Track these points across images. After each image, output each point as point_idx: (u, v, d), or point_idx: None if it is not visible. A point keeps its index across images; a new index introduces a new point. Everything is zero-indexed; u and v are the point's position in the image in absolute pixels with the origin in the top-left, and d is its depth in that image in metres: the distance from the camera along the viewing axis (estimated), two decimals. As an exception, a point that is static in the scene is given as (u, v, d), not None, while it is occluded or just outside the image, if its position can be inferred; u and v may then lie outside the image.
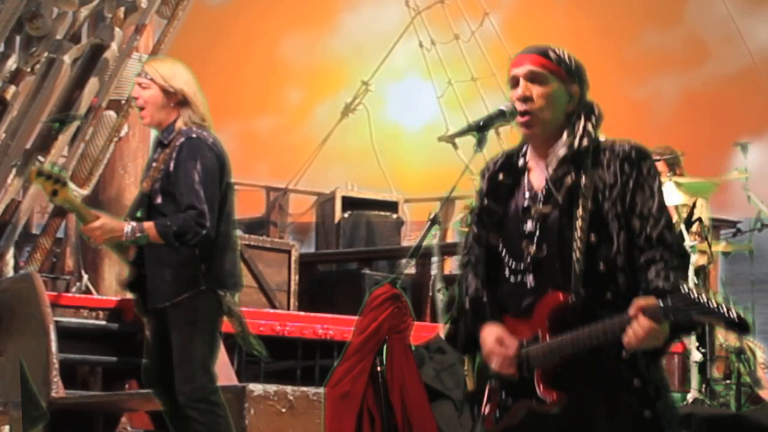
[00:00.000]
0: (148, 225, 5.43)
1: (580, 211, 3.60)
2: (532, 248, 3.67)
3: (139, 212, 5.71)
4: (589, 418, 3.58)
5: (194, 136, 5.54)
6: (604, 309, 3.53)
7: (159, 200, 5.55)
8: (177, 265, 5.53)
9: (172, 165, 5.49)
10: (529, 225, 3.69)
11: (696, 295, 3.31)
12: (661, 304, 3.35)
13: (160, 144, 5.62)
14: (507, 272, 3.71)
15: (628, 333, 3.41)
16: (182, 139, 5.52)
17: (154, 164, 5.60)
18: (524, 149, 3.80)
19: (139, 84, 5.62)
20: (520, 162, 3.78)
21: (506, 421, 3.67)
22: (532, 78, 3.70)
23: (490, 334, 3.67)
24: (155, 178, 5.53)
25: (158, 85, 5.58)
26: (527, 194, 3.73)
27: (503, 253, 3.73)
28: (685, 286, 3.36)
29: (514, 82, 3.73)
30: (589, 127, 3.72)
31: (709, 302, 3.29)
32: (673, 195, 7.76)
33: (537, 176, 3.74)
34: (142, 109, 5.62)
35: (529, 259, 3.66)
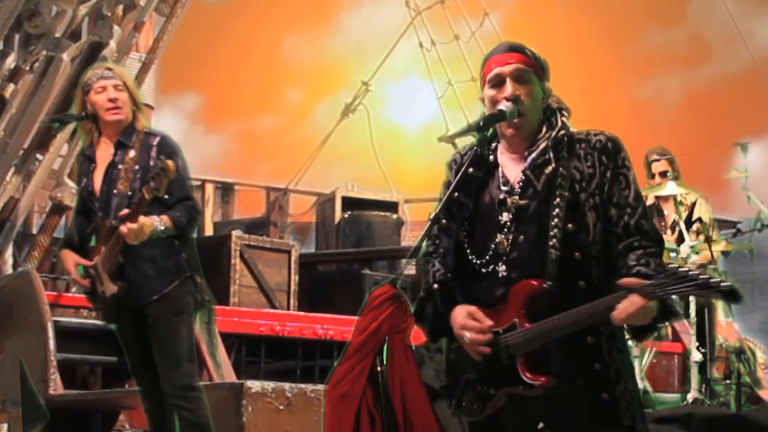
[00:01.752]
0: (166, 218, 5.54)
1: (557, 200, 3.66)
2: (505, 239, 3.71)
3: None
4: (562, 400, 3.65)
5: (165, 135, 5.78)
6: (577, 296, 3.60)
7: (131, 197, 5.63)
8: (159, 258, 5.66)
9: (152, 162, 5.63)
10: (504, 216, 3.74)
11: (686, 271, 3.35)
12: (653, 282, 3.41)
13: (120, 146, 5.75)
14: (476, 264, 3.75)
15: (618, 308, 3.46)
16: (158, 139, 5.72)
17: (121, 166, 5.71)
18: (494, 144, 3.84)
19: (115, 86, 5.78)
20: (491, 157, 3.82)
21: (489, 408, 3.72)
22: (518, 77, 3.74)
23: (461, 310, 3.73)
24: (131, 178, 5.66)
25: (128, 88, 5.81)
26: (503, 187, 3.77)
27: (468, 246, 3.77)
28: (674, 262, 3.39)
29: (499, 81, 3.75)
30: (564, 119, 3.78)
31: (699, 276, 3.33)
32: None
33: (512, 170, 3.79)
34: (119, 108, 5.77)
35: (500, 250, 3.71)
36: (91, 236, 5.85)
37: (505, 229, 3.71)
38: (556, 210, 3.64)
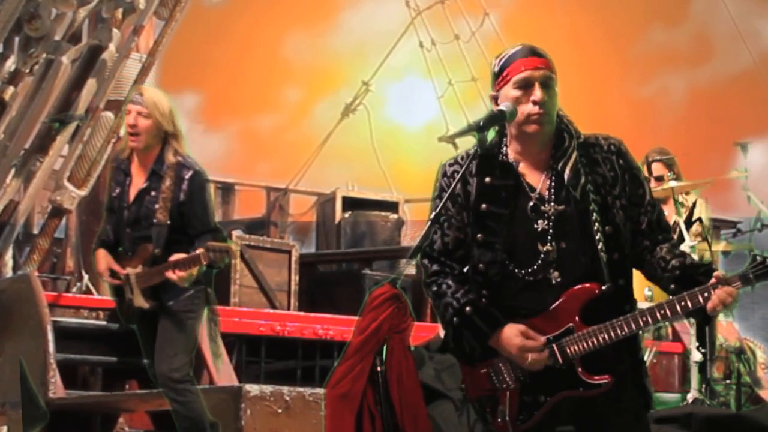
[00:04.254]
0: (203, 253, 5.83)
1: (593, 205, 3.73)
2: (548, 246, 3.73)
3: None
4: (615, 397, 3.75)
5: (198, 168, 6.07)
6: (619, 295, 3.73)
7: (170, 227, 5.99)
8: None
9: (182, 196, 5.98)
10: (541, 225, 3.75)
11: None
12: (745, 273, 3.63)
13: (153, 173, 6.03)
14: (519, 274, 3.75)
15: (713, 300, 3.62)
16: (191, 173, 6.02)
17: (155, 193, 6.00)
18: (504, 149, 3.84)
19: (139, 112, 6.02)
20: (506, 163, 3.83)
21: (537, 416, 3.75)
22: (546, 83, 3.77)
23: (511, 331, 3.73)
24: (167, 208, 5.96)
25: (156, 117, 6.01)
26: (531, 194, 3.79)
27: (507, 257, 3.76)
28: (755, 252, 3.69)
29: (527, 84, 3.76)
30: (576, 126, 3.85)
31: None
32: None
33: (533, 177, 3.80)
34: (136, 134, 6.03)
35: (549, 258, 3.73)
36: (121, 239, 6.15)
37: (548, 236, 3.74)
38: (594, 215, 3.72)
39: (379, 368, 4.51)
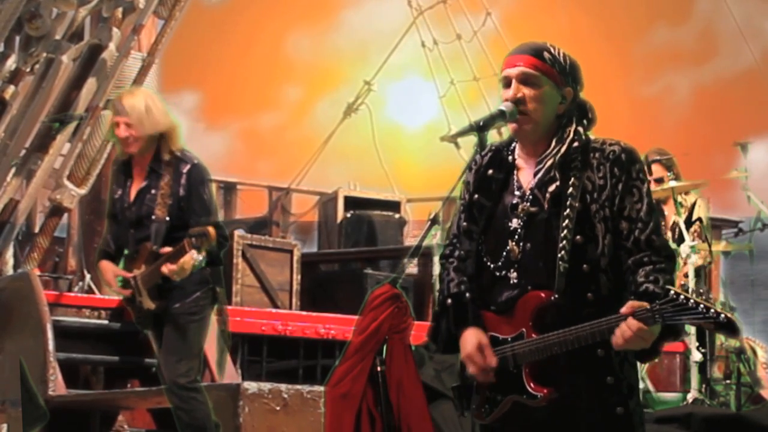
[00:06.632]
0: (187, 241, 5.80)
1: (567, 212, 3.64)
2: (515, 246, 3.71)
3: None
4: (570, 412, 3.65)
5: (196, 162, 6.04)
6: (584, 308, 3.60)
7: (170, 224, 5.97)
8: None
9: (181, 191, 5.95)
10: (515, 223, 3.74)
11: (685, 299, 3.37)
12: (650, 308, 3.43)
13: (152, 171, 6.04)
14: (491, 268, 3.75)
15: (616, 334, 3.49)
16: (188, 167, 6.00)
17: (154, 191, 5.99)
18: (513, 145, 3.85)
19: (126, 124, 5.99)
20: (509, 158, 3.83)
21: (495, 414, 3.74)
22: (525, 80, 3.73)
23: (471, 339, 3.72)
24: (167, 204, 5.94)
25: (144, 120, 5.99)
26: (516, 192, 3.77)
27: (482, 249, 3.77)
28: (674, 289, 3.41)
29: (506, 83, 3.77)
30: (580, 129, 3.77)
31: (698, 306, 3.35)
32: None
33: (525, 175, 3.78)
34: (130, 144, 6.02)
35: (512, 257, 3.71)
36: (124, 243, 6.17)
37: (516, 236, 3.72)
38: (566, 221, 3.63)
39: (379, 368, 4.51)
